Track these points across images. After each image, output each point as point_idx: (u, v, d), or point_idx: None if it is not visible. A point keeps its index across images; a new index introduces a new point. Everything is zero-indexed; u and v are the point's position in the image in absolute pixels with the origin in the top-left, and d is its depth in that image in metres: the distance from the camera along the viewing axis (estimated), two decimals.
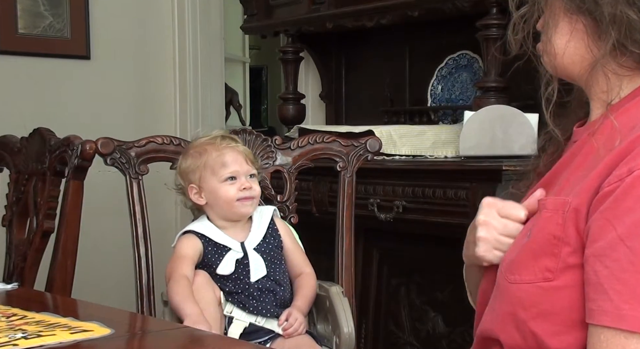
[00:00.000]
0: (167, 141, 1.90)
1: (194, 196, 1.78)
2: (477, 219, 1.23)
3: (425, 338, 2.47)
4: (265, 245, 1.78)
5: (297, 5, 3.15)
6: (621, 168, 1.05)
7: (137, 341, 1.24)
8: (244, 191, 1.74)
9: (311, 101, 3.48)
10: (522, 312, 1.12)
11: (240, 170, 1.75)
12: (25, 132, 2.10)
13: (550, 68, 1.22)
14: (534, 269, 1.11)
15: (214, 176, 1.75)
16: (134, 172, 1.86)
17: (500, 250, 1.21)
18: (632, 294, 1.01)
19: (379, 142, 2.00)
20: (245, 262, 1.75)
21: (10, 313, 1.29)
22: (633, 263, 1.01)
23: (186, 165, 1.79)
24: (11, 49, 3.24)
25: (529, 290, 1.12)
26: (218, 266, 1.74)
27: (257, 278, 1.74)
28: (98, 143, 1.83)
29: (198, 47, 3.66)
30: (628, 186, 1.04)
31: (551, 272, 1.10)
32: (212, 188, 1.76)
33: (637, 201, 1.03)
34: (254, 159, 1.82)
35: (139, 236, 1.86)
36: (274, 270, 1.78)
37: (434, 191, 2.32)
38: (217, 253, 1.75)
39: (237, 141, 1.81)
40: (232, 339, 1.60)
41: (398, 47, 3.11)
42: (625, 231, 1.02)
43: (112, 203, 2.70)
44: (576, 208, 1.09)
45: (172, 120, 3.64)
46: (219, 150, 1.76)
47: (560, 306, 1.09)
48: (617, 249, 1.02)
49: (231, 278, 1.74)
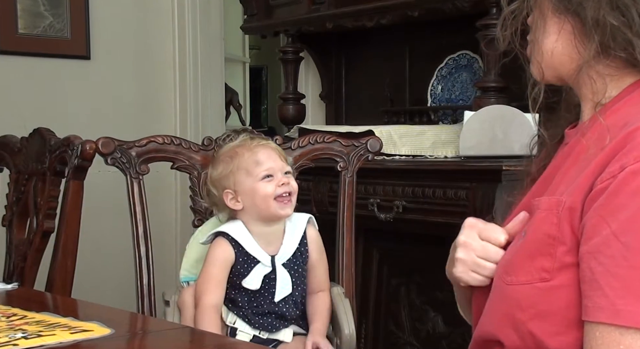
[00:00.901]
0: (168, 141, 1.90)
1: (231, 202, 1.71)
2: (457, 240, 1.23)
3: (425, 338, 2.47)
4: (294, 261, 1.73)
5: (297, 5, 3.15)
6: (613, 165, 1.06)
7: (137, 341, 1.24)
8: (282, 187, 1.68)
9: (311, 101, 3.49)
10: (519, 313, 1.12)
11: (275, 167, 1.69)
12: (25, 132, 2.10)
13: (538, 71, 1.22)
14: (530, 269, 1.11)
15: (250, 176, 1.69)
16: (135, 171, 1.86)
17: (477, 273, 1.21)
18: (627, 289, 1.01)
19: (379, 142, 2.00)
20: (272, 277, 1.70)
21: (10, 313, 1.29)
22: (627, 258, 1.01)
23: (217, 172, 1.73)
24: (11, 49, 3.24)
25: (526, 290, 1.12)
26: (244, 279, 1.69)
27: (281, 297, 1.70)
28: (99, 143, 1.83)
29: (198, 47, 3.66)
30: (620, 182, 1.04)
31: (548, 272, 1.10)
32: (249, 189, 1.69)
33: (629, 197, 1.03)
34: (286, 156, 1.77)
35: (139, 235, 1.86)
36: (297, 288, 1.73)
37: (434, 191, 2.32)
38: (247, 263, 1.70)
39: (267, 139, 1.76)
40: (232, 339, 1.60)
41: (398, 47, 3.11)
42: (619, 227, 1.02)
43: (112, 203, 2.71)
44: (570, 207, 1.09)
45: (172, 120, 3.65)
46: (250, 150, 1.70)
47: (558, 305, 1.09)
48: (611, 245, 1.03)
49: (255, 293, 1.70)
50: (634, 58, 1.13)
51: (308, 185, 2.63)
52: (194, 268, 1.81)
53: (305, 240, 1.76)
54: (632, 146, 1.05)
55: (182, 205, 3.55)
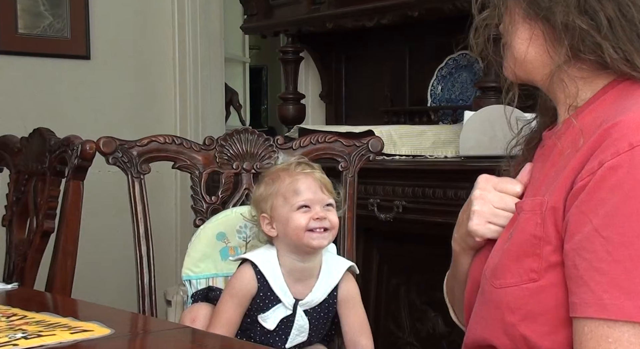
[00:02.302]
0: (169, 140, 1.90)
1: (266, 227, 1.62)
2: (473, 194, 1.25)
3: (425, 338, 2.47)
4: (318, 310, 1.64)
5: (297, 5, 3.14)
6: (592, 162, 1.07)
7: (137, 341, 1.24)
8: (317, 222, 1.57)
9: (311, 101, 3.48)
10: (510, 316, 1.13)
11: (314, 199, 1.59)
12: (25, 132, 2.10)
13: (511, 75, 1.24)
14: (518, 271, 1.12)
15: (286, 204, 1.59)
16: (136, 171, 1.86)
17: (494, 223, 1.22)
18: (612, 283, 1.02)
19: (380, 142, 1.99)
20: (291, 320, 1.62)
21: (10, 313, 1.29)
22: (610, 252, 1.02)
23: (259, 193, 1.65)
24: (11, 49, 3.24)
25: (515, 292, 1.12)
26: (261, 314, 1.62)
27: (294, 343, 1.63)
28: (100, 143, 1.83)
29: (198, 47, 3.66)
30: (599, 178, 1.05)
31: (535, 272, 1.11)
32: (284, 217, 1.59)
33: (609, 192, 1.04)
34: (332, 188, 1.64)
35: (140, 235, 1.86)
36: (313, 335, 1.65)
37: (434, 191, 2.32)
38: (268, 299, 1.61)
39: (313, 167, 1.64)
40: (232, 339, 1.60)
41: (398, 47, 3.11)
42: (600, 222, 1.04)
43: (112, 203, 2.71)
44: (553, 207, 1.11)
45: (172, 120, 3.65)
46: (292, 177, 1.60)
47: (547, 305, 1.10)
48: (593, 240, 1.04)
49: (268, 332, 1.63)
50: (604, 61, 1.14)
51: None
52: (196, 267, 1.81)
53: (336, 291, 1.66)
54: (609, 142, 1.06)
55: (182, 204, 3.55)
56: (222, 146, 1.91)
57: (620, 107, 1.11)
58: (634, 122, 1.06)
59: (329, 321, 1.67)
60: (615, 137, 1.06)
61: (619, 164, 1.04)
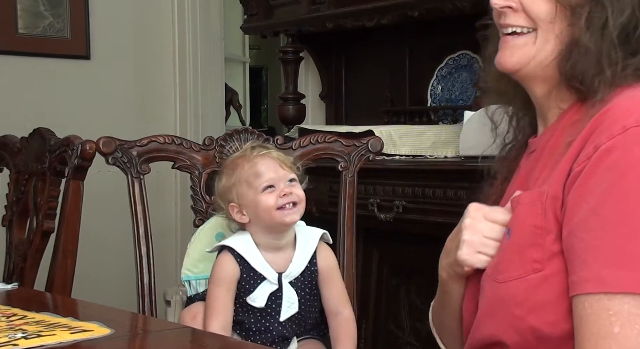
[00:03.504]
0: (169, 140, 1.90)
1: (237, 216, 1.66)
2: (463, 222, 1.24)
3: (425, 338, 2.46)
4: (302, 279, 1.67)
5: (297, 5, 3.14)
6: (587, 148, 1.09)
7: (137, 341, 1.24)
8: (284, 198, 1.62)
9: (311, 101, 3.48)
10: (517, 309, 1.13)
11: (276, 177, 1.63)
12: (25, 132, 2.10)
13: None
14: (521, 263, 1.13)
15: (251, 188, 1.63)
16: (136, 171, 1.86)
17: (484, 253, 1.21)
18: (610, 259, 1.03)
19: (380, 142, 1.99)
20: (279, 295, 1.65)
21: (10, 313, 1.29)
22: (607, 230, 1.03)
23: (222, 185, 1.68)
24: (11, 49, 3.24)
25: (520, 285, 1.13)
26: (249, 295, 1.64)
27: (287, 316, 1.65)
28: (100, 143, 1.83)
29: (198, 47, 3.66)
30: (595, 161, 1.07)
31: (539, 262, 1.11)
32: (251, 202, 1.63)
33: (604, 173, 1.05)
34: (291, 163, 1.69)
35: (140, 235, 1.86)
36: (305, 307, 1.67)
37: (434, 191, 2.32)
38: (252, 279, 1.64)
39: (268, 148, 1.69)
40: (232, 339, 1.60)
41: (398, 47, 3.11)
42: (596, 202, 1.05)
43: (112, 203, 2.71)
44: (553, 196, 1.12)
45: (172, 120, 3.65)
46: (250, 161, 1.65)
47: (553, 294, 1.10)
48: (590, 220, 1.05)
49: (260, 310, 1.65)
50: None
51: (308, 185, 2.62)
52: (196, 268, 1.81)
53: (315, 259, 1.69)
54: (603, 127, 1.08)
55: (182, 204, 3.55)
56: (222, 146, 1.91)
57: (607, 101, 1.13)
58: (625, 107, 1.09)
59: (314, 291, 1.69)
60: (609, 122, 1.08)
61: (613, 146, 1.06)
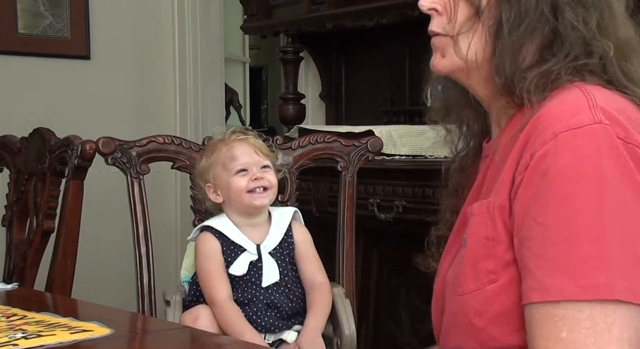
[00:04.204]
0: (169, 140, 1.90)
1: (212, 196, 1.77)
2: None
3: (425, 338, 2.46)
4: (280, 251, 1.76)
5: (297, 5, 3.15)
6: (525, 156, 1.09)
7: (137, 341, 1.24)
8: (255, 182, 1.72)
9: (311, 101, 3.49)
10: (477, 320, 1.14)
11: (250, 162, 1.74)
12: (25, 132, 2.10)
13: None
14: (477, 275, 1.14)
15: (225, 170, 1.74)
16: (135, 171, 1.86)
17: None
18: (552, 266, 1.04)
19: (380, 142, 1.99)
20: (259, 265, 1.73)
21: (10, 313, 1.29)
22: (546, 237, 1.05)
23: (201, 165, 1.79)
24: (11, 49, 3.24)
25: (478, 296, 1.14)
26: (231, 266, 1.72)
27: (269, 283, 1.72)
28: (99, 143, 1.83)
29: (198, 47, 3.66)
30: (531, 169, 1.08)
31: (494, 273, 1.12)
32: (225, 183, 1.74)
33: (539, 180, 1.06)
34: (267, 151, 1.79)
35: (139, 235, 1.86)
36: (287, 276, 1.75)
37: (434, 191, 2.31)
38: (233, 252, 1.73)
39: (247, 134, 1.79)
40: (232, 339, 1.60)
41: (398, 47, 3.11)
42: (535, 210, 1.06)
43: (112, 203, 2.71)
44: (500, 205, 1.12)
45: (172, 120, 3.65)
46: (228, 145, 1.76)
47: (511, 302, 1.11)
48: (532, 228, 1.06)
49: (243, 279, 1.72)
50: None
51: (308, 185, 2.62)
52: (194, 269, 1.81)
53: (291, 232, 1.78)
54: (536, 134, 1.09)
55: (182, 205, 3.55)
56: None
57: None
58: (555, 111, 1.09)
59: (294, 264, 1.78)
60: (541, 128, 1.08)
61: (545, 153, 1.06)
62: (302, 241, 1.79)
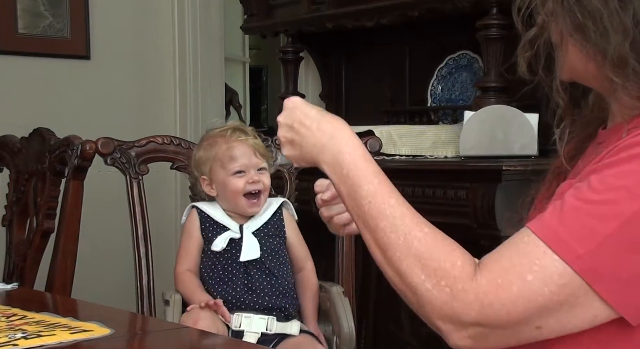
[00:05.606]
0: (168, 141, 1.90)
1: (206, 188, 1.82)
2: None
3: (425, 338, 2.46)
4: (265, 231, 1.81)
5: (297, 5, 3.14)
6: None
7: (137, 341, 1.24)
8: (252, 185, 1.78)
9: (311, 101, 3.46)
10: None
11: (249, 164, 1.78)
12: (25, 132, 2.10)
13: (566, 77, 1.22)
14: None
15: (223, 169, 1.78)
16: (134, 171, 1.86)
17: None
18: (560, 217, 1.04)
19: (379, 142, 2.00)
20: (240, 242, 1.78)
21: (10, 313, 1.29)
22: (584, 197, 1.04)
23: (198, 157, 1.83)
24: (11, 49, 3.24)
25: None
26: (212, 245, 1.78)
27: (247, 258, 1.76)
28: (98, 143, 1.83)
29: (198, 47, 3.66)
30: (614, 150, 1.07)
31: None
32: (221, 181, 1.79)
33: (618, 153, 1.06)
34: (265, 152, 1.84)
35: (139, 236, 1.86)
36: (269, 257, 1.79)
37: (434, 191, 2.31)
38: (216, 231, 1.79)
39: (247, 134, 1.83)
40: (232, 339, 1.60)
41: (398, 47, 3.11)
42: (596, 174, 1.06)
43: (112, 203, 2.70)
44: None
45: (172, 120, 3.64)
46: (228, 143, 1.79)
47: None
48: (581, 182, 1.06)
49: (223, 256, 1.77)
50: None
51: (308, 185, 2.62)
52: None
53: (282, 216, 1.84)
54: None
55: (181, 205, 3.55)
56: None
57: None
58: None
59: (280, 242, 1.82)
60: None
61: (637, 141, 1.05)
62: (291, 228, 1.85)
